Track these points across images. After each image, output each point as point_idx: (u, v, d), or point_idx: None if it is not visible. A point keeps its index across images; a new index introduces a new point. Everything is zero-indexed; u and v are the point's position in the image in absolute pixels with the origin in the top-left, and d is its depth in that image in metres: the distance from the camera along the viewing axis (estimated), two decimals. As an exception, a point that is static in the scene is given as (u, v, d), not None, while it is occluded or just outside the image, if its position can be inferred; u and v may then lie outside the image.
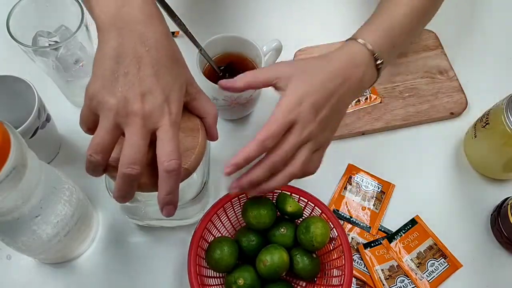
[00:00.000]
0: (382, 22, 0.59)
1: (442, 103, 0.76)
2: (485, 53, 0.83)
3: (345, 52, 0.56)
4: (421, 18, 0.63)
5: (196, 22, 0.68)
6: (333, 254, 0.61)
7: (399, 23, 0.59)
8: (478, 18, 0.87)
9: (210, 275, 0.60)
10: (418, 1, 0.61)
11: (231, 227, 0.65)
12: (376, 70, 0.58)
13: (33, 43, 0.63)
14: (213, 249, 0.58)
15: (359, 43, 0.57)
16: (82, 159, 0.70)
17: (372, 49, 0.56)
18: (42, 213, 0.51)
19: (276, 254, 0.57)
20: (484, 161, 0.71)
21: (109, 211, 0.67)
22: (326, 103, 0.53)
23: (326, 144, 0.56)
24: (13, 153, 0.41)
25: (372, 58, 0.57)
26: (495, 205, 0.69)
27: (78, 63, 0.65)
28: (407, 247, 0.66)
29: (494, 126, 0.65)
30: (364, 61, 0.56)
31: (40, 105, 0.60)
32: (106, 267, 0.64)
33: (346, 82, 0.54)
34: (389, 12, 0.60)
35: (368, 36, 0.57)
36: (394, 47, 0.60)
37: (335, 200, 0.69)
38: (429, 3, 0.63)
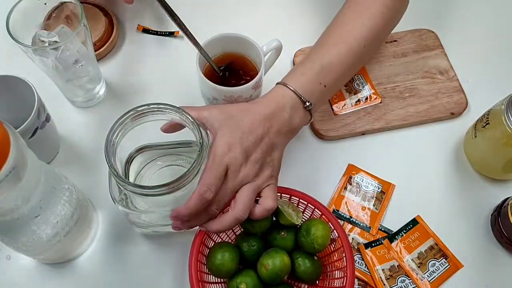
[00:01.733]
0: (312, 64, 0.62)
1: (442, 103, 0.76)
2: (485, 53, 0.83)
3: (272, 96, 0.59)
4: (357, 57, 0.65)
5: (195, 22, 0.68)
6: (334, 256, 0.61)
7: (330, 64, 0.62)
8: (478, 18, 0.87)
9: (211, 281, 0.60)
10: (354, 40, 0.63)
11: (231, 231, 0.64)
12: (306, 111, 0.60)
13: (33, 43, 0.63)
14: (214, 255, 0.57)
15: (286, 87, 0.59)
16: (81, 159, 0.71)
17: (299, 93, 0.59)
18: (41, 213, 0.51)
19: (277, 258, 0.57)
20: (484, 161, 0.71)
21: (108, 211, 0.67)
22: (256, 146, 0.55)
23: (272, 180, 0.57)
24: (13, 153, 0.41)
25: (300, 101, 0.59)
26: (495, 205, 0.69)
27: (77, 63, 0.65)
28: (408, 247, 0.66)
29: (494, 126, 0.65)
30: (290, 103, 0.58)
31: (39, 105, 0.60)
32: (105, 268, 0.64)
33: (274, 125, 0.57)
34: (320, 54, 0.63)
35: (296, 80, 0.60)
36: (325, 87, 0.62)
37: (335, 200, 0.69)
38: (364, 44, 0.64)
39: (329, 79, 0.62)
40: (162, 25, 0.81)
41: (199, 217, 0.53)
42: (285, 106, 0.58)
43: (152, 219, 0.61)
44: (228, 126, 0.54)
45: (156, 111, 0.54)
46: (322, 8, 0.86)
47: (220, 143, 0.53)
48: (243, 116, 0.56)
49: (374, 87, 0.77)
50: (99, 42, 0.76)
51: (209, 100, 0.68)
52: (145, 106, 0.53)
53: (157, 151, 0.64)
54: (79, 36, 0.62)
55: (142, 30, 0.81)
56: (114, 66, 0.78)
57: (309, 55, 0.64)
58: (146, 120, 0.55)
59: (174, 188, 0.51)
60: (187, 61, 0.68)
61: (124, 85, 0.76)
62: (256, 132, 0.55)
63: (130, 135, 0.55)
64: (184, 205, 0.51)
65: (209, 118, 0.55)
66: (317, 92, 0.61)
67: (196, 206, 0.51)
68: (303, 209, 0.63)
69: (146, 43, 0.80)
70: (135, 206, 0.57)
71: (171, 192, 0.51)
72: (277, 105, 0.58)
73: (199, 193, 0.51)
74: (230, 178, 0.53)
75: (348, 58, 0.63)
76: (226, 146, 0.53)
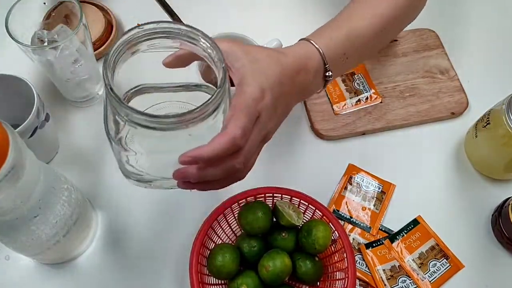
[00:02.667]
0: (340, 31, 0.56)
1: (443, 103, 0.76)
2: (486, 53, 0.83)
3: (299, 53, 0.53)
4: (383, 33, 0.60)
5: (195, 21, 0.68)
6: (336, 257, 0.61)
7: (360, 35, 0.57)
8: (479, 18, 0.87)
9: (212, 283, 0.60)
10: (380, 17, 0.58)
11: (232, 233, 0.64)
12: (323, 81, 0.55)
13: (32, 43, 0.63)
14: (215, 256, 0.57)
15: (316, 48, 0.53)
16: (81, 159, 0.70)
17: (326, 60, 0.53)
18: (41, 213, 0.51)
19: (278, 259, 0.56)
20: (485, 161, 0.71)
21: (108, 211, 0.66)
22: (280, 101, 0.49)
23: None
24: (12, 153, 0.41)
25: (323, 68, 0.54)
26: (496, 205, 0.69)
27: (76, 62, 0.64)
28: (409, 248, 0.66)
29: (495, 126, 0.65)
30: (315, 68, 0.53)
31: (39, 105, 0.60)
32: (105, 268, 0.63)
33: (296, 84, 0.51)
34: (349, 23, 0.57)
35: (326, 44, 0.54)
36: (347, 60, 0.57)
37: (335, 200, 0.69)
38: (393, 21, 0.60)
39: (352, 51, 0.56)
40: (161, 25, 0.81)
41: (217, 172, 0.44)
42: (310, 68, 0.52)
43: (155, 166, 0.51)
44: (256, 70, 0.47)
45: (167, 32, 0.44)
46: (322, 8, 0.86)
47: (254, 86, 0.46)
48: (271, 64, 0.49)
49: (374, 86, 0.77)
50: (99, 41, 0.76)
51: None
52: (153, 24, 0.44)
53: (158, 94, 0.53)
54: (79, 36, 0.61)
55: (141, 29, 0.81)
56: (113, 65, 0.78)
57: (335, 21, 0.58)
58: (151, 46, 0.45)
59: (189, 120, 0.41)
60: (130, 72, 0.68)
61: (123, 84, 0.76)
62: (283, 85, 0.48)
63: (128, 69, 0.46)
64: (208, 145, 0.42)
65: (230, 53, 0.47)
66: (339, 64, 0.55)
67: (223, 149, 0.42)
68: (303, 210, 0.63)
69: (145, 43, 0.80)
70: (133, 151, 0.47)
71: (184, 127, 0.42)
72: (305, 64, 0.52)
73: (231, 135, 0.42)
74: (260, 128, 0.46)
75: (372, 34, 0.58)
76: (259, 91, 0.46)
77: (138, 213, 0.66)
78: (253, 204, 0.60)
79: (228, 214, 0.62)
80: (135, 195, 0.67)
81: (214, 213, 0.60)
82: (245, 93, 0.45)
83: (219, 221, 0.61)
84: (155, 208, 0.67)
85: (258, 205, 0.60)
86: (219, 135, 0.43)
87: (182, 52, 0.47)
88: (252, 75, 0.46)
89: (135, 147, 0.47)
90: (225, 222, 0.63)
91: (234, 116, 0.44)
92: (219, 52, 0.44)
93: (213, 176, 0.44)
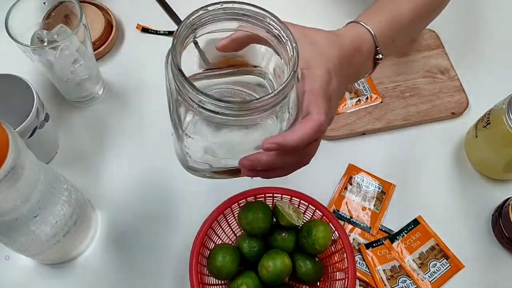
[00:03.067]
0: (386, 14, 0.55)
1: (443, 103, 0.76)
2: (486, 53, 0.83)
3: (353, 35, 0.51)
4: (425, 16, 0.61)
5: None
6: (336, 257, 0.61)
7: (404, 18, 0.56)
8: (479, 18, 0.87)
9: (212, 283, 0.59)
10: (421, 1, 0.58)
11: (232, 233, 0.64)
12: (373, 63, 0.54)
13: (32, 43, 0.63)
14: (215, 257, 0.57)
15: (368, 30, 0.52)
16: (80, 159, 0.70)
17: (377, 42, 0.52)
18: (40, 214, 0.51)
19: (278, 259, 0.56)
20: (485, 161, 0.71)
21: (108, 211, 0.66)
22: (342, 82, 0.48)
23: None
24: (12, 153, 0.41)
25: (374, 51, 0.53)
26: (496, 205, 0.69)
27: (76, 62, 0.64)
28: (409, 248, 0.66)
29: (495, 126, 0.65)
30: (368, 50, 0.52)
31: (38, 105, 0.60)
32: (105, 268, 0.63)
33: (352, 66, 0.50)
34: (394, 6, 0.56)
35: (376, 27, 0.53)
36: (393, 43, 0.56)
37: (335, 200, 0.69)
38: (433, 3, 0.60)
39: (398, 34, 0.56)
40: (161, 25, 0.81)
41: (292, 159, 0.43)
42: (364, 49, 0.51)
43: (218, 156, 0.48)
44: (317, 53, 0.45)
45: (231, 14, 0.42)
46: (323, 8, 0.86)
47: (322, 68, 0.44)
48: (329, 46, 0.47)
49: (374, 86, 0.77)
50: (98, 41, 0.76)
51: (209, 100, 0.67)
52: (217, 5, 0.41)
53: (213, 81, 0.50)
54: (78, 36, 0.61)
55: (141, 29, 0.81)
56: (113, 65, 0.78)
57: (380, 4, 0.57)
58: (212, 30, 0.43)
59: (266, 105, 0.39)
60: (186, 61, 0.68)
61: (123, 84, 0.76)
62: (343, 68, 0.47)
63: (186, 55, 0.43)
64: (294, 132, 0.41)
65: None
66: (387, 46, 0.54)
67: (309, 136, 0.41)
68: (303, 210, 0.63)
69: (145, 43, 0.80)
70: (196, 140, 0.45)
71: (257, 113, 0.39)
72: (359, 46, 0.51)
73: (318, 122, 0.41)
74: (332, 112, 0.45)
75: (416, 18, 0.57)
76: (328, 74, 0.44)
77: (138, 213, 0.66)
78: (253, 204, 0.60)
79: (228, 214, 0.62)
80: (135, 195, 0.67)
81: (214, 213, 0.60)
82: (317, 76, 0.44)
83: (219, 221, 0.61)
84: (155, 208, 0.67)
85: (258, 205, 0.60)
86: (304, 122, 0.41)
87: (240, 34, 0.44)
88: (316, 58, 0.45)
89: (199, 137, 0.44)
90: (225, 222, 0.63)
91: (314, 102, 0.42)
92: (287, 31, 0.41)
93: (284, 164, 0.43)
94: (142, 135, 0.72)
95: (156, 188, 0.68)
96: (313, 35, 0.47)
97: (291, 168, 0.45)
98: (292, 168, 0.45)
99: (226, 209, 0.61)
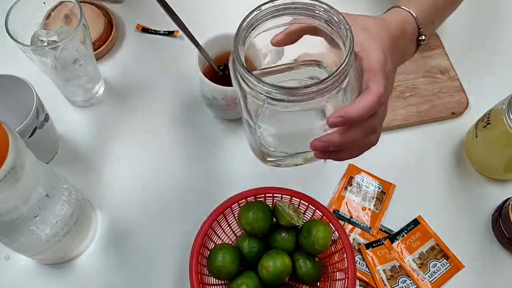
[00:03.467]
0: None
1: (443, 103, 0.76)
2: (486, 53, 0.83)
3: (397, 19, 0.53)
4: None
5: (195, 21, 0.68)
6: (336, 257, 0.61)
7: (440, 0, 0.58)
8: (479, 18, 0.86)
9: (212, 283, 0.59)
10: None
11: (232, 233, 0.64)
12: (415, 47, 0.56)
13: (32, 43, 0.63)
14: (215, 257, 0.57)
15: (410, 14, 0.54)
16: (80, 159, 0.70)
17: (420, 24, 0.54)
18: (40, 214, 0.51)
19: (278, 259, 0.56)
20: (485, 161, 0.71)
21: (108, 211, 0.66)
22: (394, 64, 0.50)
23: None
24: (12, 153, 0.41)
25: (417, 33, 0.55)
26: (496, 205, 0.69)
27: (76, 62, 0.64)
28: (409, 248, 0.66)
29: (495, 126, 0.65)
30: (412, 32, 0.54)
31: (38, 105, 0.60)
32: (105, 268, 0.63)
33: (399, 49, 0.52)
34: None
35: (418, 10, 0.55)
36: (433, 24, 0.58)
37: (335, 201, 0.69)
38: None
39: (436, 16, 0.58)
40: (161, 25, 0.81)
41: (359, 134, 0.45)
42: (408, 32, 0.53)
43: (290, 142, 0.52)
44: (369, 37, 0.48)
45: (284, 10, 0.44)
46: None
47: (377, 50, 0.46)
48: (380, 30, 0.49)
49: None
50: (98, 41, 0.76)
51: (209, 100, 0.67)
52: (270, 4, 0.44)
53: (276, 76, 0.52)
54: (78, 36, 0.61)
55: (141, 29, 0.81)
56: (113, 65, 0.78)
57: None
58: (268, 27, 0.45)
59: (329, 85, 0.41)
60: (186, 61, 0.68)
61: (123, 84, 0.76)
62: (393, 50, 0.50)
63: None
64: (355, 105, 0.43)
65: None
66: (427, 28, 0.56)
67: (370, 106, 0.43)
68: (303, 210, 0.63)
69: (145, 43, 0.80)
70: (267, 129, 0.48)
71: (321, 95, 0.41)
72: (404, 29, 0.53)
73: (376, 93, 0.43)
74: (388, 92, 0.47)
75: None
76: (383, 55, 0.46)
77: (138, 213, 0.66)
78: (253, 204, 0.60)
79: (228, 214, 0.62)
80: (135, 195, 0.67)
81: (214, 213, 0.60)
82: (373, 57, 0.46)
83: (219, 221, 0.61)
84: (155, 208, 0.67)
85: (258, 205, 0.60)
86: (363, 95, 0.43)
87: (294, 27, 0.47)
88: (369, 42, 0.47)
89: (271, 126, 0.47)
90: (225, 222, 0.63)
91: (373, 77, 0.44)
92: (339, 15, 0.44)
93: (353, 140, 0.45)
94: (142, 135, 0.72)
95: (156, 188, 0.68)
96: (363, 21, 0.49)
97: (360, 147, 0.47)
98: (361, 148, 0.47)
99: (226, 209, 0.61)
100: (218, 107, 0.68)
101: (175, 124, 0.73)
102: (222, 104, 0.67)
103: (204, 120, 0.73)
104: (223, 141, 0.72)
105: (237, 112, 0.71)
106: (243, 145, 0.72)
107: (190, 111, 0.74)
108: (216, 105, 0.68)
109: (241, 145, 0.72)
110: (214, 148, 0.72)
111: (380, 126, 0.47)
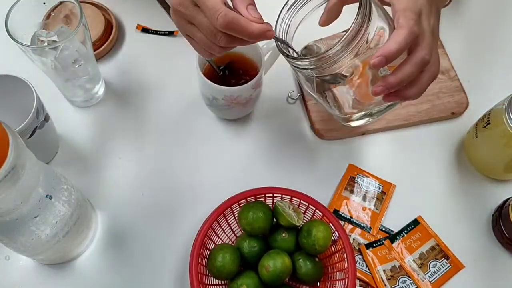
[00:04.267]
0: None
1: (443, 103, 0.76)
2: (486, 53, 0.83)
3: None
4: None
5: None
6: (336, 257, 0.61)
7: None
8: (479, 18, 0.86)
9: (212, 283, 0.59)
10: None
11: (232, 233, 0.64)
12: None
13: (32, 43, 0.63)
14: (215, 257, 0.57)
15: None
16: (81, 160, 0.70)
17: None
18: (40, 214, 0.51)
19: (278, 260, 0.56)
20: (485, 162, 0.71)
21: (108, 211, 0.66)
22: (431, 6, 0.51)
23: None
24: (12, 154, 0.41)
25: None
26: (496, 205, 0.69)
27: (76, 62, 0.64)
28: (409, 248, 0.66)
29: (495, 126, 0.65)
30: None
31: (38, 105, 0.60)
32: (105, 268, 0.63)
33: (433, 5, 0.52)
34: None
35: None
36: None
37: (335, 201, 0.69)
38: None
39: None
40: (161, 25, 0.81)
41: (411, 68, 0.47)
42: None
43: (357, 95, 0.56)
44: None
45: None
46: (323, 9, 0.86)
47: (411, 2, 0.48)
48: None
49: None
50: (98, 41, 0.76)
51: (209, 100, 0.67)
52: None
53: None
54: (78, 36, 0.61)
55: (141, 29, 0.81)
56: (113, 65, 0.78)
57: None
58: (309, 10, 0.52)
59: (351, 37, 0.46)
60: (186, 61, 0.68)
61: (123, 84, 0.76)
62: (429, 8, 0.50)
63: None
64: (389, 41, 0.46)
65: None
66: None
67: (404, 38, 0.46)
68: (304, 210, 0.63)
69: (145, 43, 0.80)
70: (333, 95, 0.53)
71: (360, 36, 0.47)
72: None
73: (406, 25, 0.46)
74: (427, 21, 0.49)
75: None
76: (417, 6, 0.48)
77: (138, 213, 0.66)
78: (253, 204, 0.60)
79: (228, 214, 0.62)
80: (135, 195, 0.67)
81: (214, 213, 0.60)
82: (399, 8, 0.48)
83: (219, 221, 0.61)
84: (155, 208, 0.67)
85: (258, 205, 0.60)
86: (395, 31, 0.46)
87: (332, 2, 0.51)
88: None
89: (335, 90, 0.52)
90: (225, 222, 0.63)
91: (402, 13, 0.47)
92: None
93: (410, 75, 0.47)
94: (142, 135, 0.72)
95: (156, 188, 0.68)
96: None
97: (421, 81, 0.49)
98: (423, 82, 0.49)
99: (226, 209, 0.61)
100: (218, 107, 0.68)
101: (175, 124, 0.73)
102: (222, 104, 0.67)
103: (204, 120, 0.74)
104: (223, 141, 0.72)
105: (237, 112, 0.71)
106: (243, 145, 0.72)
107: (190, 111, 0.74)
108: (216, 105, 0.68)
109: (241, 145, 0.72)
110: (214, 148, 0.72)
111: (430, 56, 0.48)
